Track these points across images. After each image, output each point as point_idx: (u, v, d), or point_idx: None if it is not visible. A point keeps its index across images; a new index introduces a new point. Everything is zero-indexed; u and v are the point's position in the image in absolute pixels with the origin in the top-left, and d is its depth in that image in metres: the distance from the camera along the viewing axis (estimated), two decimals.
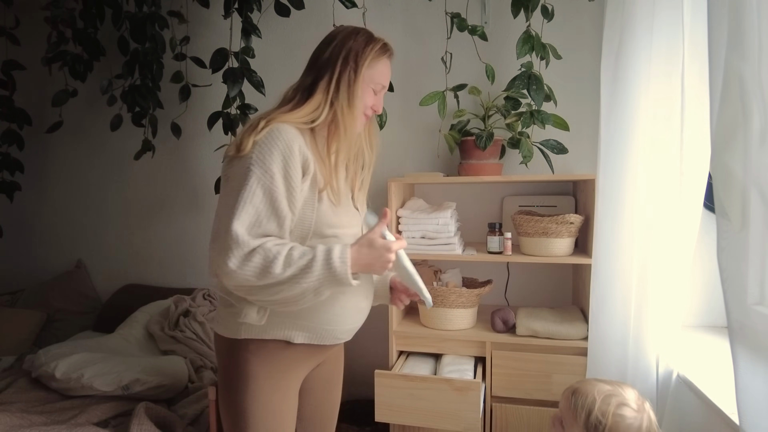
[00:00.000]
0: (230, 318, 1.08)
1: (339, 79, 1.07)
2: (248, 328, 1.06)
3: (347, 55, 1.09)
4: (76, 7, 2.21)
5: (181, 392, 1.74)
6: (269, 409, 1.08)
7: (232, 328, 1.08)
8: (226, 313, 1.09)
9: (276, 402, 1.09)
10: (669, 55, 1.24)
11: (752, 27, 0.77)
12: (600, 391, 1.00)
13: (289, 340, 1.07)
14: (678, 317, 1.30)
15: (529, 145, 1.71)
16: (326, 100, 1.07)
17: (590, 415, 0.97)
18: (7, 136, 2.40)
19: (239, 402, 1.07)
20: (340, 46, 1.09)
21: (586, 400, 0.99)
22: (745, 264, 0.82)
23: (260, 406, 1.07)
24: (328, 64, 1.08)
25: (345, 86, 1.07)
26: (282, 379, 1.10)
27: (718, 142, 0.85)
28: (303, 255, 0.96)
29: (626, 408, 0.97)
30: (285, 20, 2.04)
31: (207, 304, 2.19)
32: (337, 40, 1.10)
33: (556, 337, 1.56)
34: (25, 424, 1.44)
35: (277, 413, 1.09)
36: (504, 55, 1.92)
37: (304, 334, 1.08)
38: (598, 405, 0.98)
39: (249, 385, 1.07)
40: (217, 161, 2.15)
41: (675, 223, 1.26)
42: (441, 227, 1.69)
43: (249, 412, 1.07)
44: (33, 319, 2.33)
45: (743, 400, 0.82)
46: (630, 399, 0.99)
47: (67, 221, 2.65)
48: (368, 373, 1.70)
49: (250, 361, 1.07)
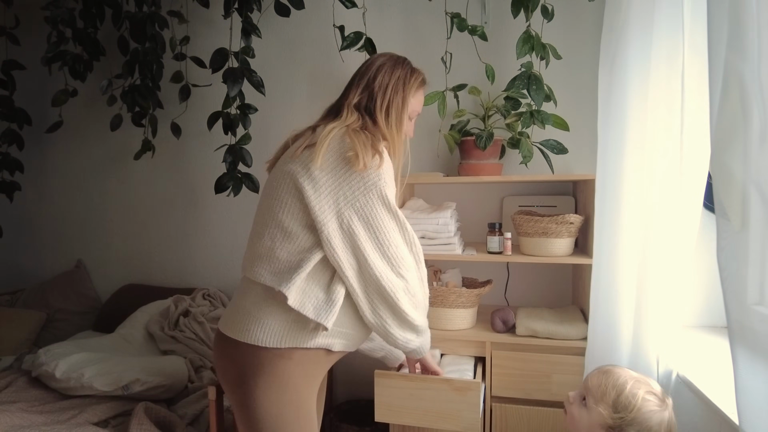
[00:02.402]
0: (287, 326, 1.05)
1: (389, 105, 1.16)
2: (290, 337, 1.05)
3: (396, 84, 1.18)
4: (76, 6, 2.21)
5: (181, 392, 1.74)
6: (308, 413, 1.09)
7: (274, 336, 1.04)
8: (281, 321, 1.05)
9: (311, 406, 1.10)
10: (669, 55, 1.24)
11: (752, 27, 0.77)
12: (632, 377, 1.06)
13: (329, 348, 1.09)
14: (678, 317, 1.30)
15: (529, 145, 1.71)
16: (369, 115, 1.16)
17: (620, 395, 1.02)
18: (7, 135, 2.40)
19: (278, 411, 1.05)
20: (389, 73, 1.18)
21: (618, 381, 1.05)
22: (745, 264, 0.82)
23: (302, 413, 1.08)
24: (380, 89, 1.17)
25: (395, 112, 1.16)
26: (314, 386, 1.12)
27: (718, 142, 0.85)
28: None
29: (654, 396, 1.03)
30: (285, 20, 2.04)
31: (207, 304, 2.19)
32: (386, 67, 1.19)
33: (556, 337, 1.56)
34: (25, 423, 1.44)
35: (311, 415, 1.11)
36: (504, 55, 1.92)
37: (343, 342, 1.10)
38: (630, 387, 1.03)
39: (290, 394, 1.05)
40: (218, 161, 2.15)
41: (675, 223, 1.26)
42: (441, 227, 1.69)
43: (291, 420, 1.06)
44: (33, 319, 2.33)
45: (743, 400, 0.82)
46: (657, 390, 1.05)
47: (67, 221, 2.65)
48: (368, 373, 1.70)
49: (293, 370, 1.05)
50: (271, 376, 1.05)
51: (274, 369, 1.05)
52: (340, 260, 1.03)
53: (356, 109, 1.15)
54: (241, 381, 1.06)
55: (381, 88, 1.16)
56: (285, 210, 1.07)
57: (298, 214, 1.05)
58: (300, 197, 1.05)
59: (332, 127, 1.09)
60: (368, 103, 1.16)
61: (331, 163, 1.04)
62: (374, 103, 1.15)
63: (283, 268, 1.05)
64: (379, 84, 1.16)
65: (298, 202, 1.05)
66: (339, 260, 1.03)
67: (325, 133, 1.07)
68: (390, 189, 1.07)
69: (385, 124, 1.15)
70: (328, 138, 1.06)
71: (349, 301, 1.08)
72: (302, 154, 1.08)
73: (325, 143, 1.05)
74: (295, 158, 1.08)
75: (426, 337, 1.20)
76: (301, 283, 1.03)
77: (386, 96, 1.15)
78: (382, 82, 1.16)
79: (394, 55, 1.24)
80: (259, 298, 1.07)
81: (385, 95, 1.15)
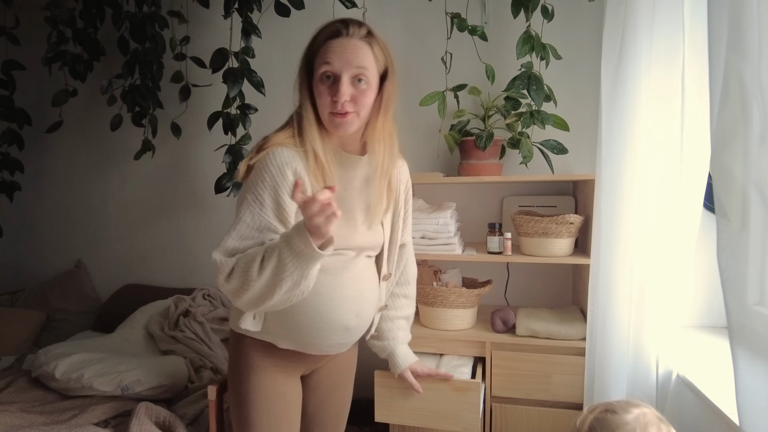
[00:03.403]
0: (235, 313, 1.11)
1: (295, 87, 1.07)
2: (234, 320, 1.11)
3: (302, 57, 1.06)
4: (76, 7, 2.22)
5: (181, 392, 1.74)
6: (269, 396, 1.11)
7: (236, 322, 1.11)
8: (234, 308, 1.12)
9: (275, 390, 1.12)
10: (669, 55, 1.24)
11: (752, 27, 0.77)
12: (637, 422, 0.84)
13: (275, 344, 1.10)
14: (678, 317, 1.30)
15: (529, 146, 1.71)
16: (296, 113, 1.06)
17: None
18: (7, 136, 2.40)
19: (242, 391, 1.11)
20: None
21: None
22: (745, 264, 0.82)
23: (261, 395, 1.10)
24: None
25: (297, 92, 1.06)
26: (279, 372, 1.12)
27: (718, 142, 0.85)
28: (272, 252, 0.93)
29: (615, 413, 0.85)
30: (285, 20, 2.04)
31: (207, 304, 2.19)
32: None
33: (556, 338, 1.56)
34: (25, 424, 1.44)
35: (278, 401, 1.12)
36: (504, 55, 1.92)
37: (288, 342, 1.10)
38: (583, 414, 0.89)
39: (250, 375, 1.11)
40: (217, 161, 2.15)
41: (675, 223, 1.26)
42: (441, 227, 1.69)
43: (250, 400, 1.10)
44: (33, 319, 2.33)
45: (743, 400, 0.82)
46: (626, 406, 0.86)
47: (67, 221, 2.65)
48: (368, 373, 1.70)
49: (250, 353, 1.11)
50: (235, 357, 1.14)
51: (237, 351, 1.13)
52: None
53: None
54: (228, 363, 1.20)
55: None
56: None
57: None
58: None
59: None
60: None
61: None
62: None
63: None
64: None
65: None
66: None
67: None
68: (251, 190, 1.00)
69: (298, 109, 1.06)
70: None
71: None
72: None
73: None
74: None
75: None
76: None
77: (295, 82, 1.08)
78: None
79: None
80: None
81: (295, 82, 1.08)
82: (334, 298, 1.06)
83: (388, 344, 1.32)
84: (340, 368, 1.26)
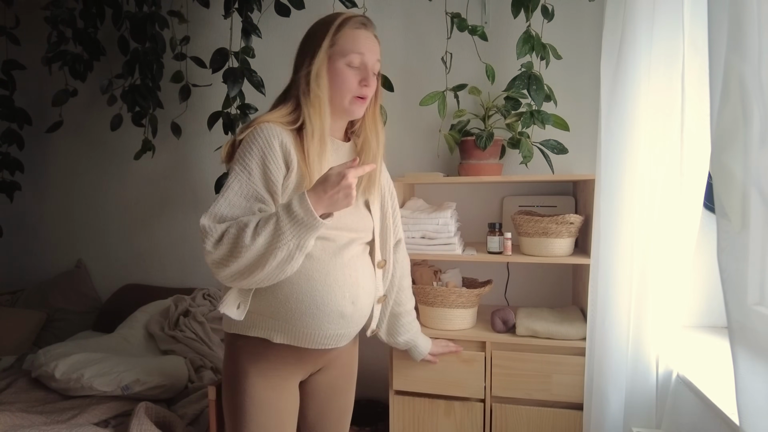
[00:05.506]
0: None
1: (298, 71, 1.10)
2: (236, 323, 1.09)
3: (308, 39, 1.12)
4: (76, 6, 2.22)
5: (180, 392, 1.74)
6: (263, 405, 1.08)
7: (226, 322, 1.11)
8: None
9: (269, 399, 1.09)
10: (669, 55, 1.24)
11: (752, 27, 0.77)
12: None
13: (269, 339, 1.07)
14: (678, 317, 1.30)
15: (529, 145, 1.71)
16: (297, 97, 1.08)
17: None
18: (7, 135, 2.40)
19: (235, 398, 1.09)
20: (306, 36, 1.14)
21: None
22: (745, 264, 0.82)
23: (254, 403, 1.08)
24: (296, 61, 1.12)
25: (305, 76, 1.07)
26: (274, 377, 1.10)
27: (718, 142, 0.85)
28: (267, 219, 0.94)
29: None
30: (285, 20, 2.04)
31: (207, 304, 2.19)
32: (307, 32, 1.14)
33: (556, 337, 1.56)
34: (26, 424, 1.44)
35: (271, 410, 1.09)
36: (504, 55, 1.92)
37: (282, 335, 1.07)
38: None
39: (241, 381, 1.09)
40: (217, 161, 2.15)
41: (675, 223, 1.26)
42: (441, 227, 1.69)
43: (243, 408, 1.08)
44: (33, 319, 2.33)
45: (743, 400, 0.82)
46: None
47: (67, 221, 2.65)
48: (368, 373, 1.70)
49: (240, 357, 1.09)
50: (228, 361, 1.13)
51: (229, 354, 1.13)
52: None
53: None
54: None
55: (296, 60, 1.15)
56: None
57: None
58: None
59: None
60: (289, 85, 1.15)
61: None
62: (292, 79, 1.13)
63: None
64: (296, 56, 1.16)
65: None
66: None
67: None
68: (239, 161, 1.03)
69: (301, 91, 1.08)
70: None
71: (265, 290, 1.05)
72: None
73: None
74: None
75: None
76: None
77: (298, 65, 1.13)
78: (299, 50, 1.16)
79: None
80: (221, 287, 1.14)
81: (297, 64, 1.13)
82: (328, 283, 1.05)
83: (410, 338, 1.44)
84: (339, 372, 1.23)
